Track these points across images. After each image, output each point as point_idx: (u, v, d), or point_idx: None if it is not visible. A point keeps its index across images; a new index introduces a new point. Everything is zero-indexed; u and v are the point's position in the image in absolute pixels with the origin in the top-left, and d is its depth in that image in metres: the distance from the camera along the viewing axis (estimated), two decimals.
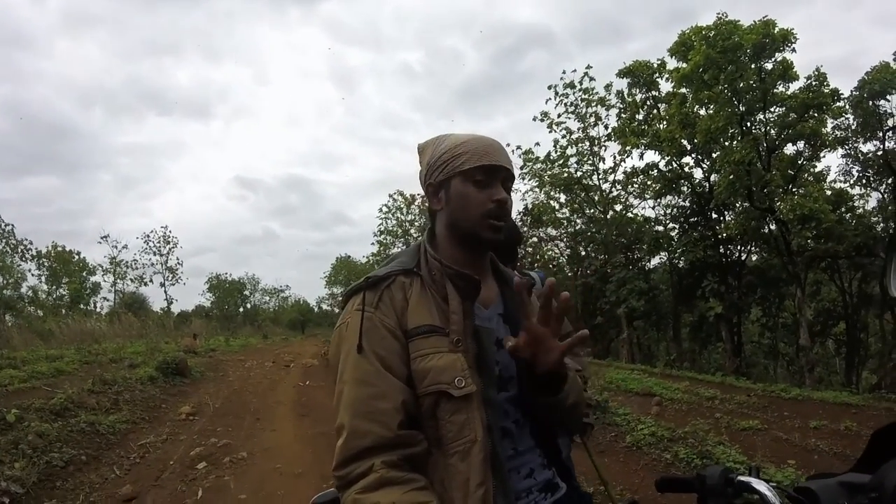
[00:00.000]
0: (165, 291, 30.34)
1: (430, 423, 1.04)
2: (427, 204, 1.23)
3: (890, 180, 14.10)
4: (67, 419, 5.71)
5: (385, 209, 29.42)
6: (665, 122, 16.36)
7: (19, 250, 24.61)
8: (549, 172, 20.54)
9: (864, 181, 14.89)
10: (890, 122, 13.41)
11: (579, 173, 20.39)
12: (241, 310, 36.33)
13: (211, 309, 34.88)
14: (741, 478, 1.02)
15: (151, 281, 30.04)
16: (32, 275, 25.88)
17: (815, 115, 13.59)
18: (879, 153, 13.95)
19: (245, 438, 6.23)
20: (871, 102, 13.10)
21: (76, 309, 24.28)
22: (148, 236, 30.52)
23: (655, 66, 17.09)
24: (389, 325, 1.06)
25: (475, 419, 1.03)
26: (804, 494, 0.89)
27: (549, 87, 19.48)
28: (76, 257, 28.11)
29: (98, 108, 55.61)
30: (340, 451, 1.00)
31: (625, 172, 19.90)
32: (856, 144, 14.61)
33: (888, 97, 12.87)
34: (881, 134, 13.66)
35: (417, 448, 1.01)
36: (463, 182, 1.13)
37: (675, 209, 18.56)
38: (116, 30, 58.09)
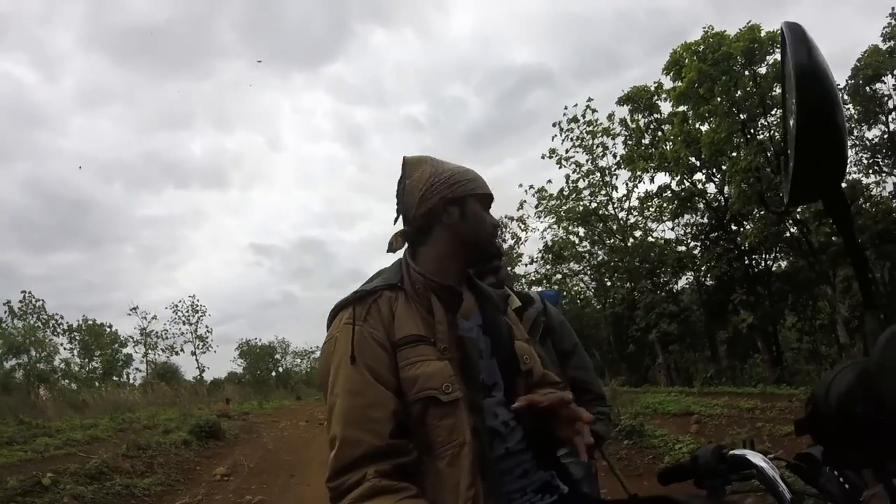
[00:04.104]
0: (197, 359, 30.43)
1: (419, 430, 1.07)
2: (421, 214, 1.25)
3: None
4: (103, 482, 5.76)
5: None
6: (670, 143, 16.47)
7: (50, 325, 25.14)
8: (564, 208, 20.65)
9: (875, 168, 14.58)
10: (890, 104, 13.23)
11: (594, 205, 20.47)
12: (274, 374, 36.31)
13: (243, 375, 34.88)
14: (734, 452, 0.98)
15: (182, 350, 30.17)
16: (64, 348, 26.26)
17: None
18: (885, 136, 13.71)
19: (279, 494, 6.21)
20: (867, 88, 13.01)
21: (109, 380, 24.58)
22: (176, 306, 30.80)
23: (653, 89, 17.38)
24: (378, 338, 1.10)
25: (463, 423, 1.06)
26: (804, 460, 0.88)
27: (554, 125, 19.87)
28: (108, 330, 28.67)
29: (117, 182, 57.84)
30: (333, 461, 1.02)
31: (639, 198, 19.96)
32: (860, 133, 14.38)
33: (883, 80, 12.77)
34: (884, 117, 13.47)
35: (409, 457, 1.04)
36: (479, 204, 1.26)
37: (694, 227, 18.40)
38: (129, 105, 61.02)
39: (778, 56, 13.54)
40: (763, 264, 16.74)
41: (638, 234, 20.76)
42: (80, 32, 59.98)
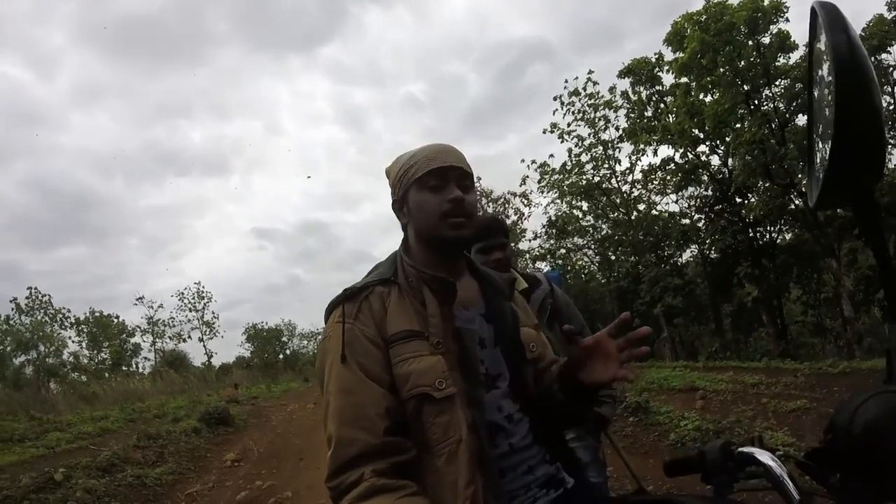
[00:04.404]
0: (204, 346, 30.85)
1: (416, 427, 1.05)
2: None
3: None
4: (114, 474, 5.85)
5: None
6: (673, 115, 16.26)
7: (58, 319, 25.43)
8: (567, 182, 20.50)
9: None
10: None
11: (597, 178, 20.30)
12: (281, 356, 36.70)
13: (251, 359, 35.32)
14: (742, 449, 0.97)
15: (190, 337, 30.61)
16: (73, 341, 26.66)
17: None
18: (892, 108, 13.50)
19: (289, 479, 6.29)
20: (873, 58, 12.79)
21: (118, 371, 24.97)
22: (182, 293, 31.16)
23: (654, 60, 17.08)
24: (370, 335, 1.09)
25: (459, 419, 1.04)
26: (813, 459, 0.84)
27: (555, 98, 19.59)
28: (115, 321, 29.01)
29: (118, 175, 58.10)
30: (331, 461, 1.01)
31: (642, 171, 19.78)
32: None
33: (889, 50, 12.53)
34: (889, 88, 13.26)
35: (406, 455, 1.02)
36: (418, 190, 1.16)
37: (698, 200, 18.23)
38: (126, 99, 60.88)
39: (782, 25, 13.36)
40: (768, 237, 16.65)
41: (642, 207, 20.61)
42: (73, 28, 59.50)
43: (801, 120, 14.50)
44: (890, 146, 14.01)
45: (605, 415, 2.31)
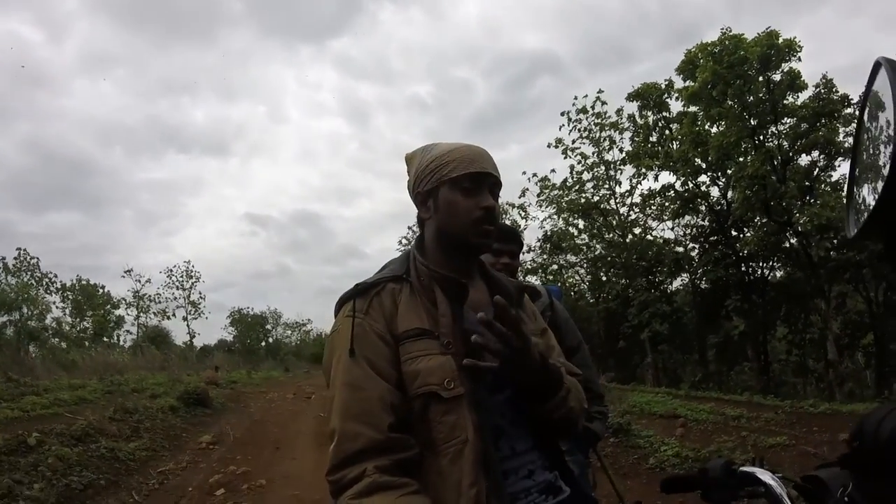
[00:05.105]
0: (188, 325, 30.46)
1: (421, 426, 1.05)
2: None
3: None
4: (88, 444, 5.79)
5: (405, 241, 29.60)
6: (677, 143, 16.39)
7: (44, 283, 24.90)
8: (566, 199, 20.57)
9: None
10: None
11: (596, 198, 20.38)
12: (264, 344, 36.47)
13: (233, 343, 35.06)
14: (744, 468, 0.98)
15: (174, 315, 30.12)
16: (57, 307, 26.13)
17: (827, 123, 13.48)
18: None
19: (265, 466, 6.25)
20: None
21: (100, 341, 24.63)
22: (171, 270, 30.74)
23: (663, 87, 17.23)
24: (379, 331, 1.08)
25: (466, 420, 1.04)
26: (811, 482, 0.86)
27: (563, 114, 19.62)
28: (101, 291, 28.62)
29: (118, 145, 57.58)
30: (333, 454, 1.01)
31: (641, 195, 19.88)
32: None
33: None
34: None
35: (409, 453, 1.02)
36: (451, 190, 1.14)
37: (694, 229, 18.41)
38: (133, 70, 60.31)
39: (793, 64, 13.62)
40: (759, 272, 16.80)
41: (637, 231, 20.74)
42: None
43: (804, 159, 14.73)
44: None
45: (596, 431, 2.31)
